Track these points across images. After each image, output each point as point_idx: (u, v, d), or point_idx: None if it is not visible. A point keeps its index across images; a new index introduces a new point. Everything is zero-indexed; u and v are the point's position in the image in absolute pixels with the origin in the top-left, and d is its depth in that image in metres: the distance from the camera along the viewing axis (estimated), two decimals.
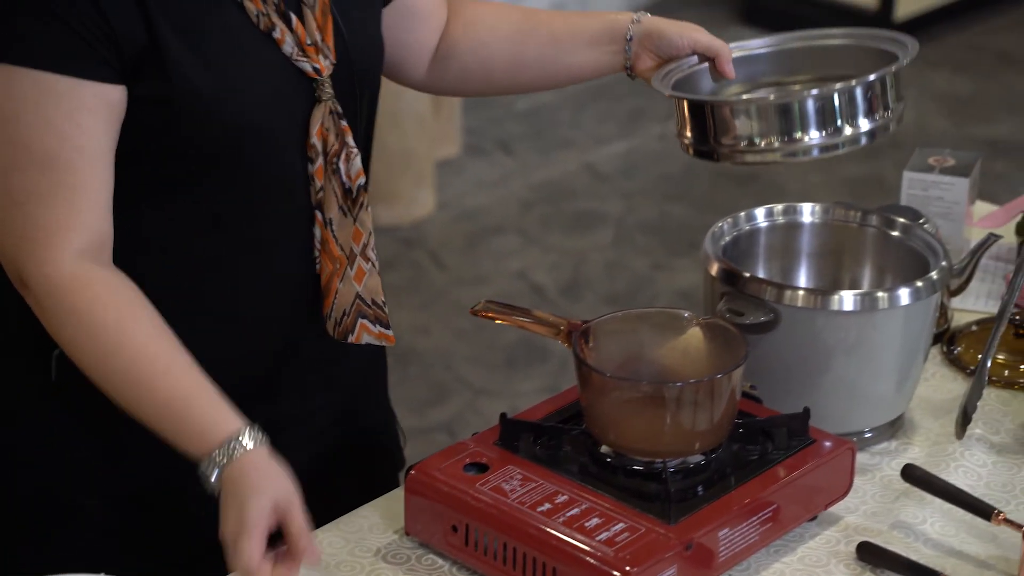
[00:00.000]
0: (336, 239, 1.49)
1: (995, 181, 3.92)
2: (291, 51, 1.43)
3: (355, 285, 1.51)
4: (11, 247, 1.39)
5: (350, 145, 1.48)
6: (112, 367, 1.37)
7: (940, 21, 4.85)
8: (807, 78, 1.64)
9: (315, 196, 1.47)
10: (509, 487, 1.42)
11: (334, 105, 1.46)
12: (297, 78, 1.44)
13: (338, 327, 1.51)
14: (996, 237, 1.64)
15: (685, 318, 1.52)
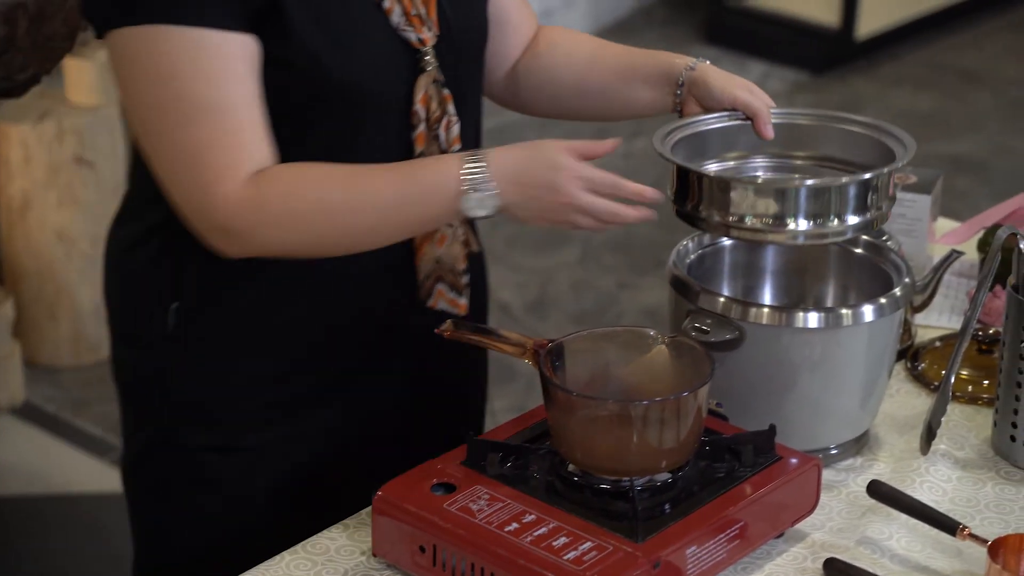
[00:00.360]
0: None
1: (957, 198, 3.96)
2: (398, 21, 1.51)
3: (436, 249, 1.58)
4: (196, 199, 1.46)
5: (451, 113, 1.55)
6: (337, 195, 1.45)
7: (901, 39, 4.89)
8: (806, 155, 1.67)
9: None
10: (476, 507, 1.42)
11: (437, 74, 1.54)
12: (402, 47, 1.52)
13: (420, 289, 1.59)
14: (958, 253, 1.66)
15: (651, 336, 1.52)
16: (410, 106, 1.53)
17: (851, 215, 1.54)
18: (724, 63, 4.76)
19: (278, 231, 1.46)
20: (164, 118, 1.44)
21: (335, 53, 1.47)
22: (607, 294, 3.66)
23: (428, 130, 1.54)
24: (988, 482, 1.61)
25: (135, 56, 1.44)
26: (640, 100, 1.70)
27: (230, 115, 1.44)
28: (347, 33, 1.48)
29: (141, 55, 1.43)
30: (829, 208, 1.53)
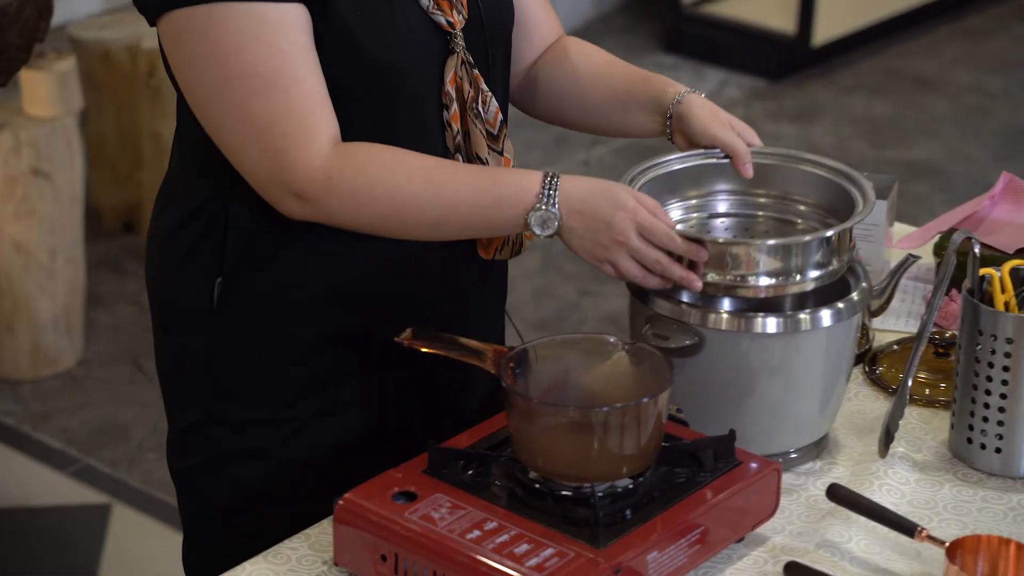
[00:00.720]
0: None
1: (914, 203, 3.99)
2: (428, 4, 1.56)
3: None
4: (269, 169, 1.50)
5: (484, 90, 1.60)
6: (416, 186, 1.51)
7: (857, 46, 4.92)
8: (767, 193, 1.70)
9: (452, 141, 1.59)
10: (438, 515, 1.42)
11: (466, 56, 1.59)
12: (433, 30, 1.57)
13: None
14: (915, 258, 1.67)
15: (611, 343, 1.53)
16: (441, 87, 1.57)
17: (811, 269, 1.56)
18: (682, 71, 4.80)
19: (349, 205, 1.51)
20: (233, 93, 1.49)
21: (370, 32, 1.52)
22: (568, 301, 3.67)
23: (465, 110, 1.59)
24: (946, 484, 1.62)
25: (197, 36, 1.48)
26: (635, 124, 1.74)
27: (299, 85, 1.49)
28: (381, 13, 1.53)
29: (203, 35, 1.48)
30: (790, 264, 1.55)
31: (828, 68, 4.84)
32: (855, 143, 4.44)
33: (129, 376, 3.37)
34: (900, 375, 1.74)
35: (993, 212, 2.02)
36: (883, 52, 4.95)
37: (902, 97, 4.70)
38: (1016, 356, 1.59)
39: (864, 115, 4.59)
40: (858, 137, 4.47)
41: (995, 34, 5.12)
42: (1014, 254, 1.90)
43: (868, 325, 1.84)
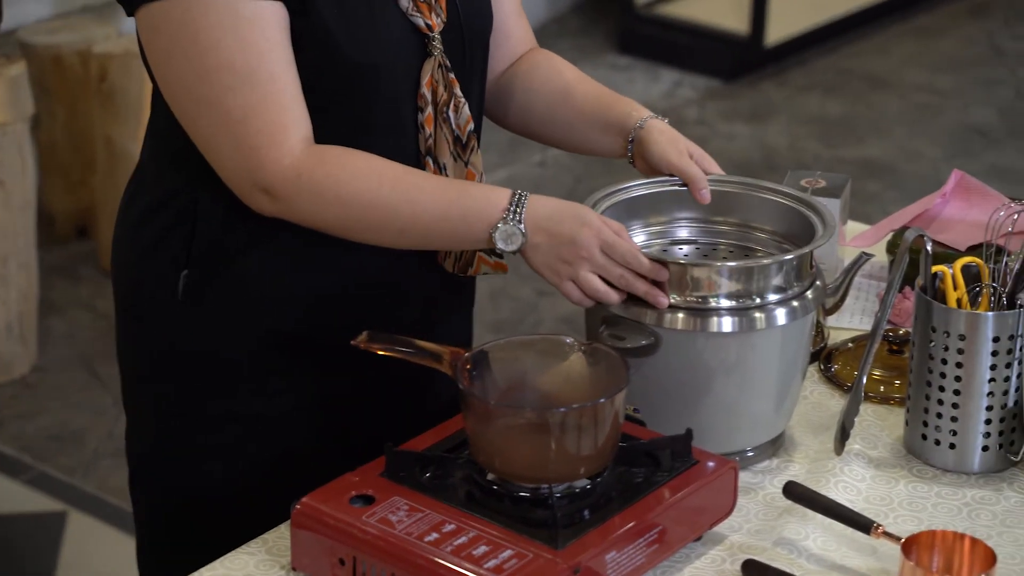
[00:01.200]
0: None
1: (867, 201, 4.01)
2: (407, 6, 1.57)
3: None
4: (240, 163, 1.51)
5: (458, 95, 1.61)
6: (384, 192, 1.51)
7: (809, 46, 4.95)
8: (728, 221, 1.71)
9: (424, 143, 1.60)
10: (396, 518, 1.41)
11: (443, 59, 1.60)
12: (411, 32, 1.58)
13: (458, 262, 1.64)
14: (868, 256, 1.68)
15: (567, 344, 1.53)
16: (418, 88, 1.58)
17: (771, 293, 1.57)
18: (637, 71, 4.81)
19: (316, 205, 1.52)
20: (210, 87, 1.49)
21: (349, 33, 1.53)
22: (526, 303, 3.67)
23: (436, 113, 1.59)
24: (901, 480, 1.63)
25: (175, 30, 1.49)
26: (599, 145, 1.75)
27: (273, 82, 1.50)
28: (361, 12, 1.54)
29: (180, 29, 1.49)
30: (750, 287, 1.56)
31: (781, 68, 4.87)
32: (808, 142, 4.46)
33: (84, 382, 3.35)
34: (855, 372, 1.75)
35: (945, 210, 2.03)
36: (835, 52, 4.99)
37: (854, 96, 4.73)
38: (969, 352, 1.60)
39: (817, 114, 4.62)
40: (811, 136, 4.50)
41: (946, 33, 5.16)
42: (966, 251, 1.91)
43: (823, 323, 1.86)
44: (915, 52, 5.01)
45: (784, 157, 4.36)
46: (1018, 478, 1.63)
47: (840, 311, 1.76)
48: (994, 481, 1.63)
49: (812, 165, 4.23)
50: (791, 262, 1.58)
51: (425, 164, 1.61)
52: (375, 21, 1.55)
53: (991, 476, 1.63)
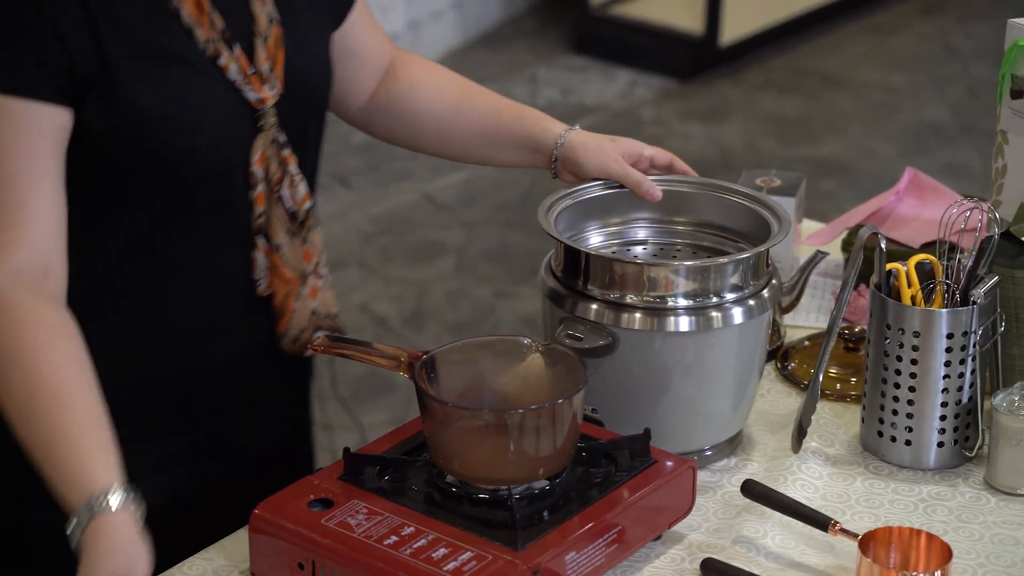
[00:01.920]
0: (286, 262, 1.55)
1: (823, 200, 4.03)
2: (235, 79, 1.48)
3: (310, 302, 1.58)
4: None
5: (292, 173, 1.53)
6: (15, 393, 1.35)
7: (764, 45, 4.97)
8: (686, 221, 1.71)
9: (255, 221, 1.52)
10: (355, 521, 1.41)
11: (276, 134, 1.51)
12: (241, 106, 1.49)
13: (296, 343, 1.58)
14: (823, 254, 1.69)
15: (525, 345, 1.53)
16: (248, 165, 1.50)
17: (728, 292, 1.58)
18: (592, 72, 4.82)
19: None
20: None
21: (170, 114, 1.44)
22: (484, 304, 3.67)
23: (269, 192, 1.52)
24: (858, 477, 1.64)
25: None
26: (503, 159, 1.73)
27: (10, 187, 1.37)
28: (183, 91, 1.45)
29: None
30: (707, 286, 1.57)
31: (736, 67, 4.89)
32: (764, 141, 4.48)
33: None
34: (811, 370, 1.76)
35: (899, 207, 2.05)
36: (790, 51, 5.01)
37: (809, 95, 4.76)
38: (923, 349, 1.61)
39: (772, 113, 4.64)
40: (767, 135, 4.52)
41: (899, 32, 5.19)
42: (919, 248, 1.92)
43: (779, 322, 1.86)
44: (869, 51, 5.04)
45: (740, 156, 4.38)
46: (973, 474, 1.64)
47: (796, 309, 1.77)
48: (949, 477, 1.64)
49: (768, 164, 4.25)
50: (747, 261, 1.59)
51: (256, 244, 1.53)
52: (200, 99, 1.46)
53: (946, 472, 1.65)
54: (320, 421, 3.24)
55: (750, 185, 1.96)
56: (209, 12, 1.46)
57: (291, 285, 1.56)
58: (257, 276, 1.55)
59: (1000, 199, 1.76)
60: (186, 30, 1.45)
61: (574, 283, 1.60)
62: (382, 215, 4.06)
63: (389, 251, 3.89)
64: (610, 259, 1.59)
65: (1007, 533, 1.55)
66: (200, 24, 1.46)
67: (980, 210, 1.64)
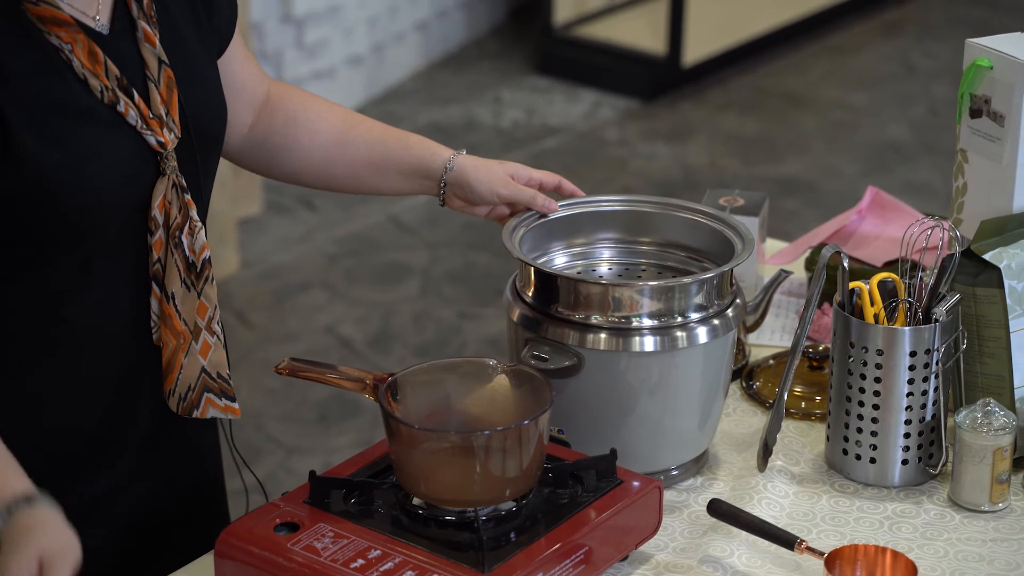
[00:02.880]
0: (179, 313, 1.50)
1: (786, 218, 4.05)
2: (136, 123, 1.45)
3: (200, 359, 1.52)
4: None
5: (194, 219, 1.49)
6: None
7: (726, 65, 5.00)
8: (650, 241, 1.72)
9: (152, 268, 1.48)
10: (321, 545, 1.41)
11: (178, 179, 1.48)
12: (143, 151, 1.46)
13: (183, 402, 1.52)
14: (787, 273, 1.70)
15: (491, 366, 1.53)
16: (149, 210, 1.47)
17: (693, 312, 1.58)
18: (556, 93, 4.83)
19: None
20: None
21: (69, 169, 1.40)
22: (449, 325, 3.66)
23: (168, 238, 1.48)
24: (823, 496, 1.65)
25: None
26: (391, 187, 1.71)
27: None
28: (82, 142, 1.42)
29: None
30: (672, 306, 1.57)
31: (699, 88, 4.91)
32: (727, 160, 4.50)
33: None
34: (776, 389, 1.76)
35: (861, 226, 2.06)
36: (752, 71, 5.04)
37: (771, 114, 4.78)
38: (887, 367, 1.62)
39: (735, 133, 4.67)
40: (730, 154, 4.54)
41: (859, 51, 5.23)
42: (882, 267, 1.94)
43: (744, 341, 1.87)
44: (830, 70, 5.08)
45: (704, 175, 4.40)
46: (937, 491, 1.65)
47: (760, 328, 1.78)
48: (914, 494, 1.65)
49: (732, 183, 4.27)
50: (711, 280, 1.60)
51: (152, 292, 1.49)
52: (99, 148, 1.42)
53: (911, 489, 1.65)
54: (286, 444, 3.23)
55: (714, 205, 1.97)
56: (103, 60, 1.43)
57: (182, 339, 1.50)
58: (153, 324, 1.50)
59: (961, 217, 1.78)
60: (81, 81, 1.42)
61: (539, 304, 1.60)
62: (347, 237, 4.06)
63: (354, 273, 3.88)
64: (575, 280, 1.59)
65: (972, 550, 1.56)
66: (95, 74, 1.43)
67: (941, 228, 1.65)
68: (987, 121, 1.73)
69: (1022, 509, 1.62)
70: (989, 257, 1.66)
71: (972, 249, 1.67)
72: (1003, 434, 1.60)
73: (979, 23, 5.32)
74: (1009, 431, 1.60)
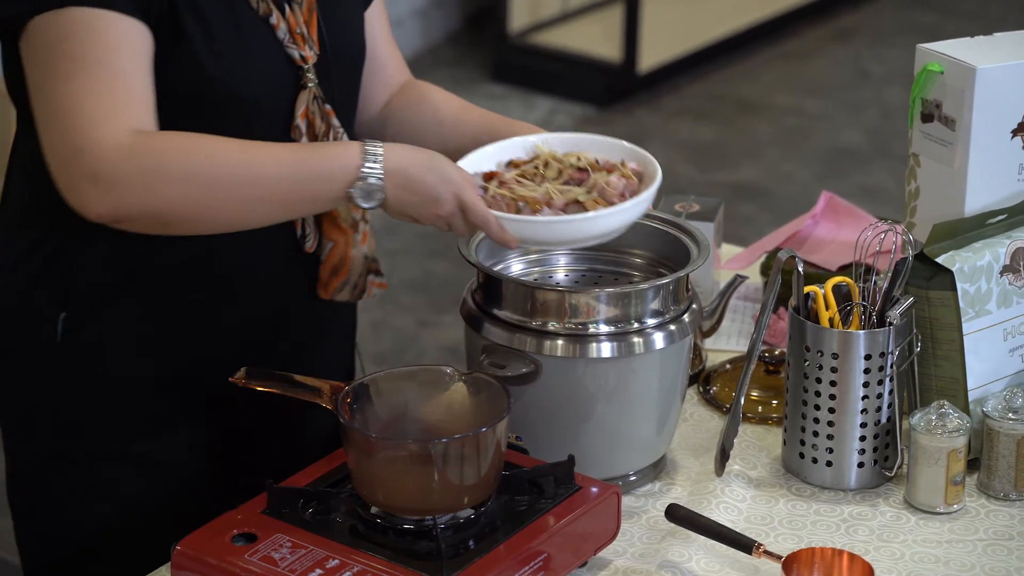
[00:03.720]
0: (340, 213, 1.61)
1: (742, 224, 4.07)
2: (283, 37, 1.56)
3: (363, 248, 1.64)
4: (68, 147, 1.44)
5: (336, 126, 1.60)
6: (224, 162, 1.45)
7: (680, 72, 5.02)
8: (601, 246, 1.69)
9: None
10: (279, 555, 1.40)
11: (318, 91, 1.58)
12: (286, 63, 1.56)
13: (355, 290, 1.65)
14: (742, 278, 1.70)
15: (448, 374, 1.53)
16: (292, 120, 1.56)
17: (649, 317, 1.59)
18: (512, 100, 4.83)
19: (148, 188, 1.43)
20: (53, 74, 1.45)
21: (221, 64, 1.51)
22: (407, 334, 3.66)
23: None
24: (780, 499, 1.65)
25: (45, 41, 1.46)
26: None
27: (116, 74, 1.45)
28: (234, 46, 1.52)
29: (49, 38, 1.46)
30: (628, 312, 1.57)
31: (654, 94, 4.93)
32: (683, 167, 4.52)
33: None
34: (733, 394, 1.77)
35: (815, 231, 2.07)
36: (706, 77, 5.06)
37: (726, 121, 4.81)
38: (842, 371, 1.63)
39: (690, 139, 4.69)
40: (686, 160, 4.56)
41: (812, 57, 5.27)
42: (836, 271, 1.95)
43: (700, 346, 1.88)
44: (784, 76, 5.11)
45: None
46: (893, 493, 1.66)
47: (717, 333, 1.78)
48: (870, 497, 1.66)
49: (687, 189, 4.28)
50: (667, 286, 1.60)
51: None
52: (248, 51, 1.53)
53: (867, 492, 1.66)
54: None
55: (669, 211, 1.98)
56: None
57: (347, 235, 1.62)
58: (305, 231, 1.61)
59: (914, 221, 1.79)
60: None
61: (496, 311, 1.60)
62: None
63: None
64: (531, 287, 1.59)
65: (927, 551, 1.57)
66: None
67: (894, 232, 1.66)
68: (938, 126, 1.74)
69: (976, 510, 1.64)
70: (942, 260, 1.67)
71: (925, 253, 1.68)
72: (957, 436, 1.61)
73: (931, 29, 5.37)
74: (963, 433, 1.62)
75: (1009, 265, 1.70)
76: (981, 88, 1.70)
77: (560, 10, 5.09)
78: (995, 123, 1.72)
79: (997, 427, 1.64)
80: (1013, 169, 1.75)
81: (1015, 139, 1.74)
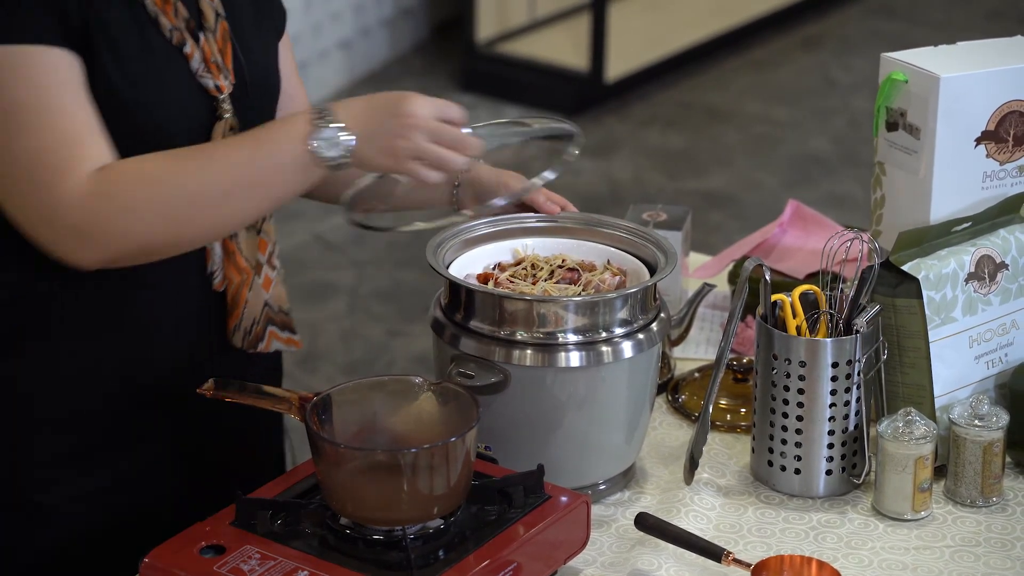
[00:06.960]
0: (241, 251, 1.57)
1: (711, 232, 4.09)
2: (197, 67, 1.54)
3: (263, 293, 1.60)
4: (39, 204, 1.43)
5: None
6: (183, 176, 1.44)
7: (649, 80, 5.04)
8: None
9: None
10: (248, 567, 1.40)
11: (234, 121, 1.55)
12: (200, 94, 1.54)
13: (248, 337, 1.60)
14: (710, 287, 1.71)
15: (417, 384, 1.53)
16: None
17: (617, 327, 1.59)
18: (480, 109, 4.84)
19: (133, 217, 1.44)
20: (4, 132, 1.44)
21: (136, 91, 1.49)
22: (377, 343, 3.65)
23: None
24: (749, 507, 1.66)
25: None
26: (417, 200, 1.71)
27: (62, 117, 1.44)
28: (147, 74, 1.50)
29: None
30: (596, 321, 1.57)
31: (622, 103, 4.94)
32: (652, 175, 4.53)
33: None
34: (702, 402, 1.78)
35: (783, 239, 2.08)
36: (674, 86, 5.07)
37: (694, 129, 4.82)
38: (810, 379, 1.64)
39: (659, 147, 4.70)
40: (654, 169, 4.57)
41: (780, 66, 5.29)
42: (803, 279, 1.96)
43: (669, 354, 1.88)
44: (752, 85, 5.13)
45: (629, 190, 4.42)
46: (861, 500, 1.67)
47: (685, 342, 1.79)
48: (838, 504, 1.66)
49: (656, 197, 4.29)
50: (635, 295, 1.61)
51: None
52: (162, 81, 1.51)
53: (835, 499, 1.67)
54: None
55: (637, 220, 1.99)
56: (173, 2, 1.52)
57: (245, 275, 1.58)
58: (212, 268, 1.58)
59: (880, 229, 1.80)
60: (152, 18, 1.50)
61: (464, 320, 1.60)
62: None
63: None
64: (499, 296, 1.59)
65: (895, 558, 1.58)
66: (164, 13, 1.51)
67: (861, 240, 1.67)
68: (903, 134, 1.76)
69: (944, 517, 1.65)
70: (908, 268, 1.68)
71: (891, 261, 1.69)
72: (924, 443, 1.62)
73: (896, 37, 5.40)
74: (930, 440, 1.63)
75: (974, 272, 1.71)
76: (945, 97, 1.71)
77: (528, 19, 5.10)
78: (959, 132, 1.74)
79: (963, 434, 1.65)
80: (977, 177, 1.76)
81: (979, 147, 1.75)
